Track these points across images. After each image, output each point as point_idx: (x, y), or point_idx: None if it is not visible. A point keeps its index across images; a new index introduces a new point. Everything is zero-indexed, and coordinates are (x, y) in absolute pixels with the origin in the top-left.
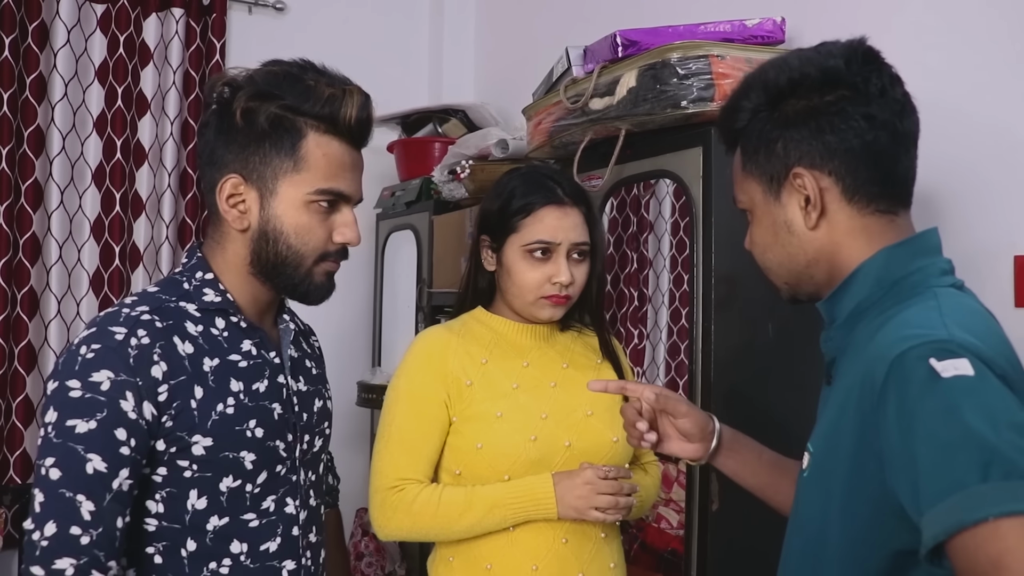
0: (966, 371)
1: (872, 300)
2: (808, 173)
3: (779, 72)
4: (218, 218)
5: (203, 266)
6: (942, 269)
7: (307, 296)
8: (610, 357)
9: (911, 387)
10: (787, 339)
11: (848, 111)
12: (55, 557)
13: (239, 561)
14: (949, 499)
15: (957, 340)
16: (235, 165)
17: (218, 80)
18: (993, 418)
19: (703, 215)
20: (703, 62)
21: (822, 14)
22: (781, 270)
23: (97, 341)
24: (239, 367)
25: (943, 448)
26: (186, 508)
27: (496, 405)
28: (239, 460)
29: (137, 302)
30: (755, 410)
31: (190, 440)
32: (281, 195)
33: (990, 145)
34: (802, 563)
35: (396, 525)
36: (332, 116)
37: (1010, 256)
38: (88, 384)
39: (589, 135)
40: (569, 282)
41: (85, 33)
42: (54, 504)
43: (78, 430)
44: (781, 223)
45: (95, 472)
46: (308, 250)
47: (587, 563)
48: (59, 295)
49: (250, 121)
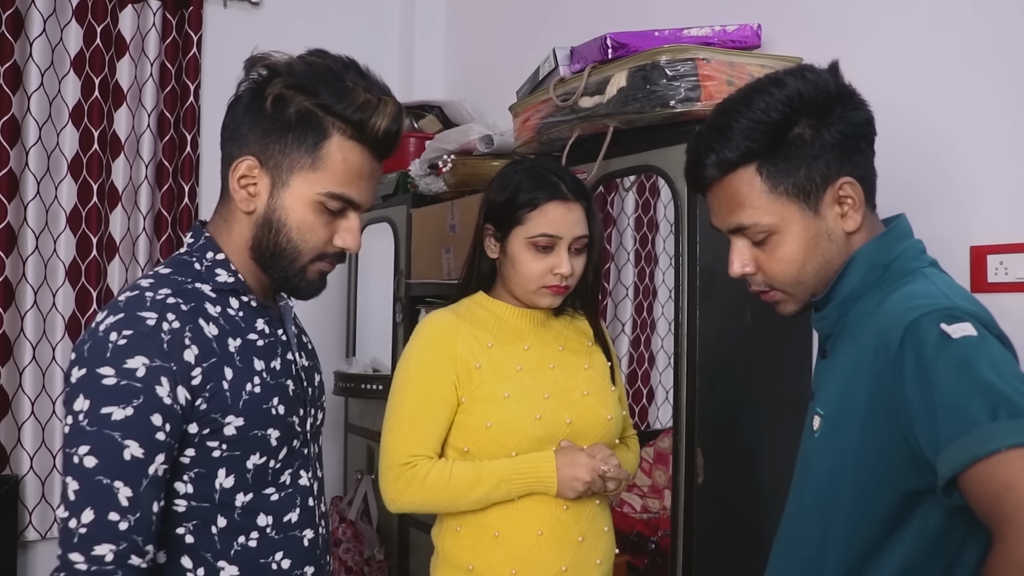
0: (971, 332)
1: (869, 283)
2: (851, 180)
3: (795, 89)
4: (227, 195)
5: (212, 246)
6: (919, 249)
7: (297, 291)
8: (600, 342)
9: (927, 347)
10: (764, 324)
11: (867, 123)
12: (94, 544)
13: (265, 533)
14: (964, 437)
15: (960, 307)
16: (255, 147)
17: (259, 60)
18: (999, 370)
19: (688, 208)
20: (690, 64)
21: (795, 22)
22: (815, 279)
23: (128, 327)
24: (257, 346)
25: (958, 396)
26: (214, 487)
27: (503, 386)
28: (266, 437)
29: (156, 284)
30: (736, 388)
31: (223, 421)
32: (292, 188)
33: (947, 149)
34: (813, 512)
35: (409, 499)
36: (361, 123)
37: (966, 246)
38: (123, 371)
39: (577, 131)
40: (570, 273)
41: (61, 23)
42: (91, 491)
43: (114, 417)
44: (823, 233)
45: (132, 459)
46: (307, 247)
47: (586, 527)
48: (35, 286)
49: (279, 109)
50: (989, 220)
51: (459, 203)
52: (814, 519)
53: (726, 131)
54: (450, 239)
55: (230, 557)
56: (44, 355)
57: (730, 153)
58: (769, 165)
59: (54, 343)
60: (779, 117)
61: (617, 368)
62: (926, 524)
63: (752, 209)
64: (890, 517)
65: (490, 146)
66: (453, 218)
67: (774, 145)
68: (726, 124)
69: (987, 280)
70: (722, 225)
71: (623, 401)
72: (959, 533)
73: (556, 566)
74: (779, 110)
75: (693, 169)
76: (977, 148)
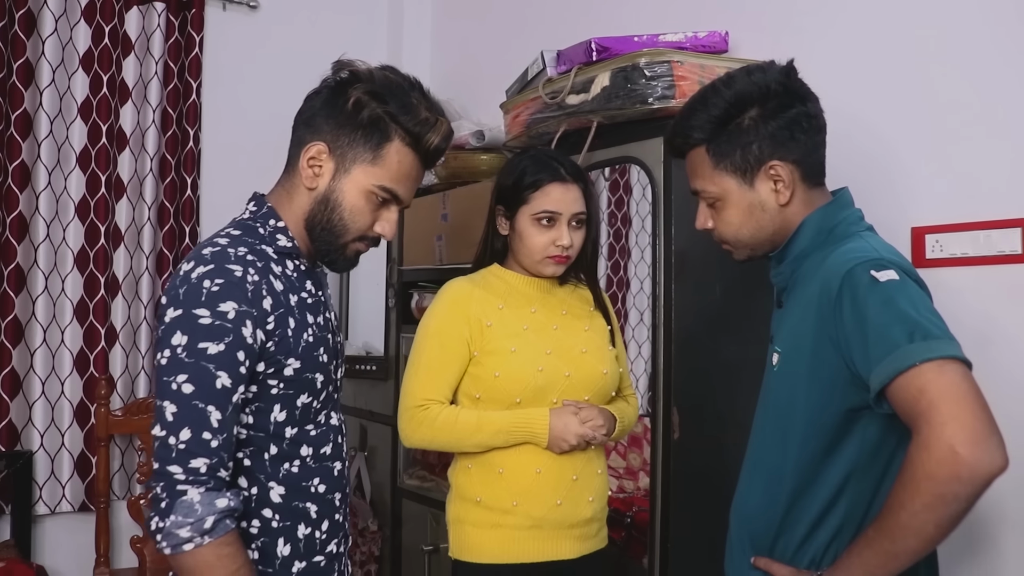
0: (894, 277)
1: (816, 244)
2: (782, 164)
3: (741, 87)
4: (294, 171)
5: (274, 215)
6: (858, 216)
7: (334, 264)
8: (601, 308)
9: (859, 289)
10: (730, 297)
11: (803, 116)
12: (191, 458)
13: (305, 462)
14: (888, 356)
15: (886, 258)
16: (327, 136)
17: (345, 64)
18: (915, 305)
19: (664, 194)
20: (666, 66)
21: (758, 29)
22: (752, 241)
23: (219, 276)
24: (308, 303)
25: (883, 325)
26: (270, 420)
27: (511, 342)
28: (313, 380)
29: (233, 243)
30: (707, 352)
31: (285, 363)
32: (352, 176)
33: (891, 143)
34: (775, 429)
35: (420, 436)
36: (419, 136)
37: (907, 228)
38: (216, 313)
39: (564, 126)
40: (569, 245)
41: (71, 22)
42: (188, 413)
43: (209, 351)
44: (756, 204)
45: (223, 387)
46: (353, 227)
47: (580, 468)
48: (46, 272)
49: (357, 110)
50: (927, 204)
51: (451, 194)
52: (775, 435)
53: (688, 120)
54: (442, 227)
55: (278, 479)
56: (54, 338)
57: (689, 136)
58: (714, 147)
59: (63, 326)
60: (721, 113)
61: (617, 332)
62: (865, 435)
63: (702, 179)
64: (836, 429)
65: (481, 140)
66: (445, 208)
67: (717, 132)
68: (689, 115)
69: (925, 257)
70: (690, 187)
71: (622, 360)
72: (892, 443)
73: (552, 500)
74: (722, 107)
75: (669, 143)
76: (917, 143)
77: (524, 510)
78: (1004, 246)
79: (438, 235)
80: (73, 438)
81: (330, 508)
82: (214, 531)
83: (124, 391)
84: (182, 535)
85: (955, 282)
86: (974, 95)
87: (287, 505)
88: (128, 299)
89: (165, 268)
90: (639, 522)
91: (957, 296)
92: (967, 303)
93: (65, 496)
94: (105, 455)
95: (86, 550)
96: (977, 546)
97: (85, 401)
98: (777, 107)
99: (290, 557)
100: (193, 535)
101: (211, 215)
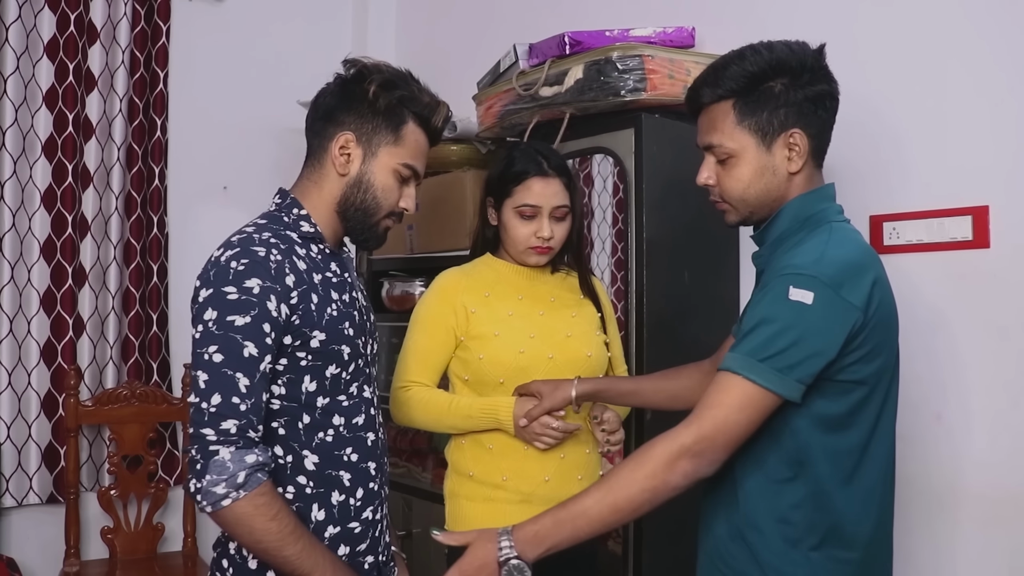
0: (805, 300)
1: (791, 231)
2: (801, 133)
3: (779, 54)
4: (320, 161)
5: (297, 204)
6: (837, 210)
7: (367, 241)
8: (590, 294)
9: (771, 295)
10: (698, 283)
11: (827, 95)
12: (221, 420)
13: (339, 431)
14: (736, 350)
15: (820, 276)
16: (352, 126)
17: (353, 63)
18: (794, 333)
19: (635, 183)
20: (637, 60)
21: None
22: (756, 202)
23: (244, 257)
24: (332, 282)
25: (758, 327)
26: (301, 390)
27: (495, 327)
28: (340, 352)
29: (259, 230)
30: (676, 333)
31: (310, 335)
32: (379, 158)
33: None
34: None
35: (402, 415)
36: (427, 116)
37: (866, 215)
38: (243, 289)
39: (537, 117)
40: (550, 236)
41: (35, 8)
42: (218, 380)
43: (236, 323)
44: (768, 167)
45: (249, 356)
46: (386, 204)
47: (567, 447)
48: (12, 262)
49: (375, 99)
50: (884, 194)
51: (422, 184)
52: None
53: (722, 72)
54: (413, 217)
55: (312, 448)
56: (20, 328)
57: (718, 88)
58: (742, 104)
59: (29, 317)
60: (758, 71)
61: (610, 318)
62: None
63: (720, 133)
64: None
65: (453, 131)
66: (416, 197)
67: (748, 90)
68: (724, 67)
69: (883, 243)
70: (700, 142)
71: (614, 345)
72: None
73: (540, 476)
74: (760, 66)
75: (692, 94)
76: (876, 136)
77: (514, 485)
78: (956, 233)
79: (408, 224)
80: (40, 429)
81: (364, 477)
82: (247, 484)
83: (92, 382)
84: (218, 492)
85: (911, 267)
86: (928, 93)
87: (320, 473)
88: (95, 289)
89: (132, 258)
90: None
91: (913, 279)
92: (922, 286)
93: (32, 488)
94: (74, 446)
95: (55, 542)
96: (934, 516)
97: (53, 392)
98: (809, 80)
99: (324, 522)
100: (228, 491)
101: (178, 204)
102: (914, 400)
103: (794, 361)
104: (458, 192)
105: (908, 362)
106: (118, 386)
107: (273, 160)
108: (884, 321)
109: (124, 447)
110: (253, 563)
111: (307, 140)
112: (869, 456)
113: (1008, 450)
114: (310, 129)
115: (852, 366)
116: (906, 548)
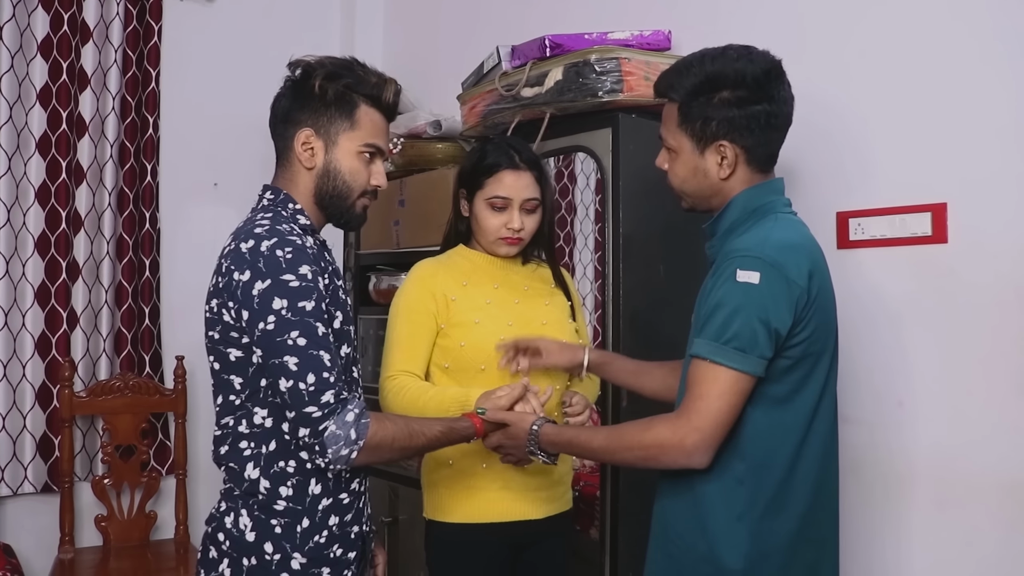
0: (752, 281)
1: (740, 221)
2: (730, 145)
3: (723, 67)
4: (288, 160)
5: (290, 199)
6: (785, 203)
7: (349, 223)
8: (561, 285)
9: (721, 278)
10: (673, 276)
11: (764, 113)
12: (320, 396)
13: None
14: (700, 337)
15: (764, 258)
16: (308, 122)
17: (297, 64)
18: (747, 311)
19: (612, 180)
20: (615, 62)
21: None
22: (693, 195)
23: (287, 246)
24: (330, 270)
25: (715, 313)
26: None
27: (475, 315)
28: (349, 331)
29: (276, 221)
30: (650, 326)
31: (334, 315)
32: (340, 145)
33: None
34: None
35: (388, 403)
36: (377, 95)
37: (833, 212)
38: (300, 275)
39: (518, 117)
40: (520, 228)
41: (28, 8)
42: (308, 361)
43: (307, 308)
44: (700, 169)
45: (323, 334)
46: (356, 186)
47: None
48: (7, 256)
49: (323, 92)
50: (850, 191)
51: (407, 181)
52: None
53: (673, 77)
54: (399, 213)
55: None
56: (15, 321)
57: (669, 91)
58: (684, 109)
59: (24, 310)
60: (698, 83)
61: (578, 307)
62: None
63: (666, 130)
64: None
65: (438, 130)
66: (402, 194)
67: (690, 99)
68: (676, 72)
69: (849, 238)
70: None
71: (582, 333)
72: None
73: None
74: (700, 78)
75: (654, 88)
76: (843, 135)
77: (493, 472)
78: (916, 229)
79: (395, 220)
80: (35, 420)
81: None
82: (360, 435)
83: (85, 374)
84: (344, 454)
85: (874, 260)
86: (891, 94)
87: None
88: (89, 283)
89: (125, 253)
90: (585, 495)
91: (877, 273)
92: (886, 279)
93: (28, 477)
94: (69, 436)
95: (49, 530)
96: (895, 496)
97: (47, 383)
98: (744, 98)
99: (320, 495)
100: (351, 449)
101: (170, 200)
102: (878, 387)
103: (751, 339)
104: (443, 189)
105: (873, 351)
106: (111, 378)
107: (262, 157)
108: (823, 304)
109: (117, 437)
110: (251, 535)
111: (274, 145)
112: (813, 431)
113: (964, 435)
114: (274, 134)
115: (796, 346)
116: (868, 526)
